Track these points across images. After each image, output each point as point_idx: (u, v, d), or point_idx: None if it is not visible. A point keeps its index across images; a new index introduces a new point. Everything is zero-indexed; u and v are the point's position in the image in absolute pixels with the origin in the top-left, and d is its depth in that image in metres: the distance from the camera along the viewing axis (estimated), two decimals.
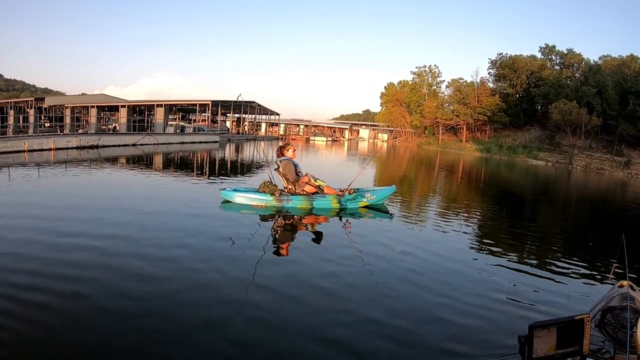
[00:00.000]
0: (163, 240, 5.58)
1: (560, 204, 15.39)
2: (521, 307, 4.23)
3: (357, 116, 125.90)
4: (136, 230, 6.02)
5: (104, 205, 7.75)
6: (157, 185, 11.06)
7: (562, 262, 6.15)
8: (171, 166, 16.80)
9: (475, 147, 56.57)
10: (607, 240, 8.54)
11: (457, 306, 4.11)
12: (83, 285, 3.95)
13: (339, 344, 3.24)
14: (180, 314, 3.53)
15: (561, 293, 4.77)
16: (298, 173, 8.33)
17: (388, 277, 4.87)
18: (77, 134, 25.06)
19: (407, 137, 72.49)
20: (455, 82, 64.94)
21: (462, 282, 4.89)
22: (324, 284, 4.43)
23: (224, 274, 4.55)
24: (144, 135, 27.58)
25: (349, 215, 8.07)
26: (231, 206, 8.06)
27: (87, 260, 4.59)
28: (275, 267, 4.91)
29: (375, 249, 5.90)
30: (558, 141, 50.51)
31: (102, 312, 3.47)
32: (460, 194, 14.84)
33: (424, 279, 4.86)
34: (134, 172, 13.43)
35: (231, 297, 3.98)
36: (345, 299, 4.12)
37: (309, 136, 63.28)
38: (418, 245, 6.37)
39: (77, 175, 11.93)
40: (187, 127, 38.56)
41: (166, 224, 6.58)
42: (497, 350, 3.26)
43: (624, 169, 42.71)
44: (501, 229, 8.98)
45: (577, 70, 55.53)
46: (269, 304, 3.84)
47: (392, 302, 4.16)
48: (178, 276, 4.35)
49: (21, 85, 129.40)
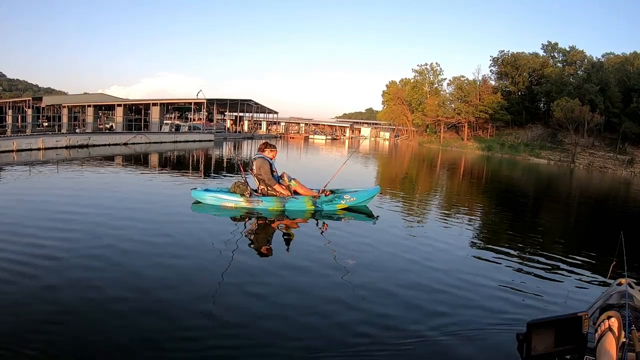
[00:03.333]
0: (122, 242, 5.26)
1: (561, 203, 14.99)
2: (519, 305, 4.23)
3: (360, 114, 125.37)
4: (93, 232, 5.62)
5: (64, 205, 7.27)
6: (131, 183, 10.59)
7: (562, 260, 6.08)
8: (155, 165, 16.37)
9: (477, 145, 55.96)
10: (607, 238, 8.39)
11: (453, 303, 4.11)
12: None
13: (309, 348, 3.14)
14: (137, 321, 3.35)
15: (560, 291, 4.76)
16: (273, 172, 7.82)
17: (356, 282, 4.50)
18: (66, 134, 24.72)
19: (409, 135, 71.96)
20: (456, 79, 64.32)
21: (458, 279, 4.82)
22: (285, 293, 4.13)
23: (177, 280, 4.23)
24: (136, 135, 27.11)
25: (325, 218, 7.50)
26: (202, 207, 7.65)
27: (32, 263, 4.32)
28: (233, 276, 4.46)
29: (343, 254, 5.40)
30: (560, 139, 49.84)
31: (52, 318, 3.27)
32: (459, 193, 14.41)
33: (411, 277, 4.82)
34: (115, 171, 12.99)
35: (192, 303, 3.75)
36: (306, 306, 3.87)
37: (308, 134, 62.74)
38: (404, 247, 6.12)
39: (54, 175, 11.48)
40: (182, 125, 38.12)
41: (129, 224, 6.21)
42: (496, 347, 3.27)
43: (627, 167, 41.97)
44: (500, 227, 8.82)
45: (580, 68, 54.83)
46: (233, 311, 3.64)
47: (367, 304, 3.97)
48: (125, 278, 4.15)
49: (24, 85, 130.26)
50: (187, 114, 48.00)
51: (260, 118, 56.51)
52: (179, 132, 34.45)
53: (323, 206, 7.77)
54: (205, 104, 39.34)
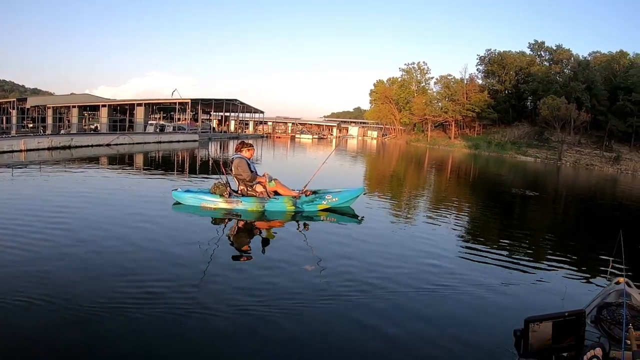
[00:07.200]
0: (95, 244, 5.10)
1: (554, 200, 14.90)
2: (516, 302, 4.22)
3: (348, 114, 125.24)
4: (74, 234, 5.42)
5: (39, 206, 6.97)
6: (111, 185, 10.12)
7: (559, 259, 6.00)
8: (138, 166, 15.90)
9: (464, 144, 56.11)
10: (603, 236, 8.29)
11: (449, 302, 4.08)
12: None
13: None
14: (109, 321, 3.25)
15: (558, 288, 4.72)
16: (252, 172, 7.47)
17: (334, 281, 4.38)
18: (48, 135, 24.42)
19: (397, 134, 71.95)
20: (443, 78, 64.47)
21: (451, 277, 4.76)
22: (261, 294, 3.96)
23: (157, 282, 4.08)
24: (119, 135, 26.61)
25: (306, 219, 7.15)
26: (182, 208, 7.41)
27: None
28: (212, 280, 4.23)
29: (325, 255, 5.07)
30: (547, 137, 50.18)
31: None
32: (447, 192, 14.15)
33: (397, 275, 4.67)
34: (96, 172, 12.48)
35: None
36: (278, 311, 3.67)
37: (294, 134, 62.42)
38: (388, 248, 5.87)
39: (34, 177, 10.95)
40: (167, 126, 37.48)
41: (107, 226, 5.98)
42: (492, 344, 3.25)
43: (613, 164, 42.40)
44: (493, 225, 8.70)
45: (567, 66, 55.29)
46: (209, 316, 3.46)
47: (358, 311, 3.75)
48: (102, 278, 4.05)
49: (10, 86, 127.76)
50: (172, 114, 47.40)
51: (247, 118, 55.94)
52: (163, 132, 33.83)
53: (304, 207, 7.43)
54: (189, 103, 38.71)
